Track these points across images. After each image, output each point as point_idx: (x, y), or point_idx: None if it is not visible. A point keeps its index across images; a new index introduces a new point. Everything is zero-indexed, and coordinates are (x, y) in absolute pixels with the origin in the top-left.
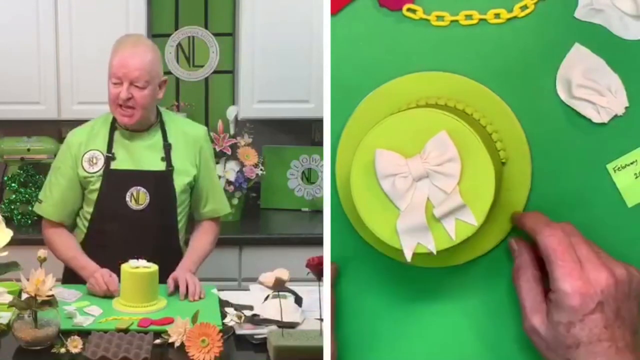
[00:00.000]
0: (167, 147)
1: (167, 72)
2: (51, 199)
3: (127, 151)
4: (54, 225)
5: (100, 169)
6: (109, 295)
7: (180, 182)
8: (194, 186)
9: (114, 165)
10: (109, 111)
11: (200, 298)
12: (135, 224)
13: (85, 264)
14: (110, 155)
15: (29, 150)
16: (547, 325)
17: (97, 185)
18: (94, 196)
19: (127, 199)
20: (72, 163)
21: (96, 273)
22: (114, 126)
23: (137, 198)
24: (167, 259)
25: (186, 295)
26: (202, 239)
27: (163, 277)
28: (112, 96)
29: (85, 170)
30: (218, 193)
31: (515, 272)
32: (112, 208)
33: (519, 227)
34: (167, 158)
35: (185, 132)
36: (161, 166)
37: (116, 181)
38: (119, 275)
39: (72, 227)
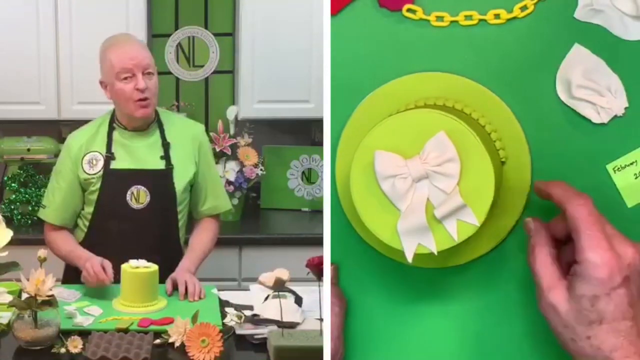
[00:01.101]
0: (166, 146)
1: (167, 72)
2: (54, 204)
3: (126, 151)
4: (56, 228)
5: (100, 170)
6: (102, 287)
7: (180, 180)
8: (193, 184)
9: (113, 165)
10: (107, 112)
11: (200, 298)
12: (136, 223)
13: (81, 254)
14: (109, 155)
15: (29, 150)
16: (567, 300)
17: (98, 185)
18: (94, 196)
19: (128, 198)
20: (73, 166)
21: (87, 262)
22: (112, 126)
23: (138, 197)
24: (168, 257)
25: (186, 295)
26: (201, 237)
27: (163, 276)
28: (125, 93)
29: (85, 172)
30: (218, 190)
31: (531, 251)
32: (113, 207)
33: (543, 197)
34: (166, 157)
35: (183, 130)
36: (161, 165)
37: (116, 181)
38: (118, 273)
39: (73, 229)
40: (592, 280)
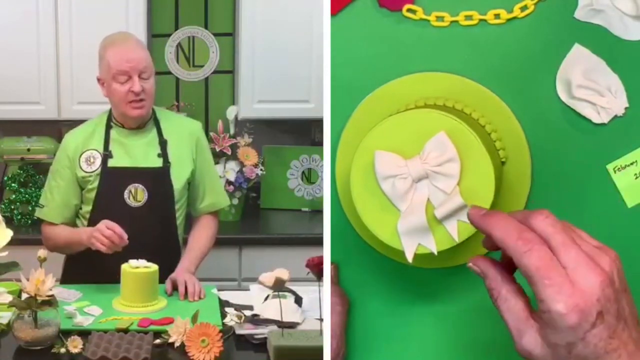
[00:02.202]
0: (163, 144)
1: (167, 72)
2: (53, 202)
3: (123, 149)
4: (54, 225)
5: (98, 168)
6: (119, 247)
7: (178, 177)
8: (191, 181)
9: (111, 163)
10: (104, 111)
11: (200, 298)
12: (134, 221)
13: (81, 230)
14: (107, 153)
15: (29, 150)
16: (542, 346)
17: (95, 184)
18: (92, 195)
19: (126, 196)
20: (70, 164)
21: (94, 232)
22: (109, 125)
23: (136, 195)
24: (167, 255)
25: (186, 296)
26: (200, 236)
27: (162, 275)
28: (120, 94)
29: (83, 170)
30: (216, 186)
31: (490, 295)
32: (111, 205)
33: (482, 231)
34: (163, 154)
35: (180, 128)
36: (158, 162)
37: (114, 179)
38: (118, 273)
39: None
40: (563, 329)
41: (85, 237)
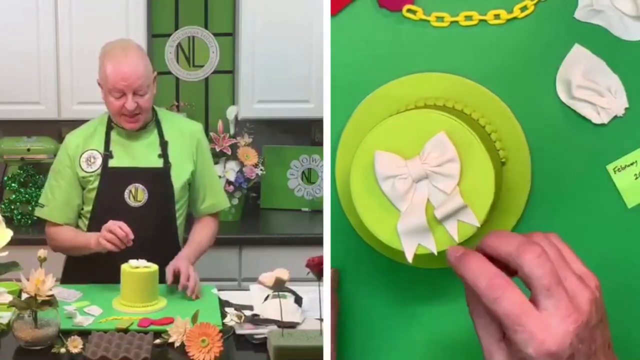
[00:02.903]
0: (164, 144)
1: (167, 72)
2: (54, 202)
3: (124, 149)
4: (57, 225)
5: (99, 168)
6: (125, 245)
7: (178, 178)
8: (192, 182)
9: (111, 164)
10: (105, 112)
11: (197, 297)
12: (135, 221)
13: (88, 234)
14: (107, 153)
15: (29, 150)
16: None
17: (96, 184)
18: (92, 195)
19: (126, 196)
20: (71, 164)
21: (102, 232)
22: (110, 125)
23: (136, 195)
24: (167, 255)
25: (185, 288)
26: (201, 232)
27: (162, 275)
28: (114, 108)
29: (83, 170)
30: (216, 188)
31: (468, 305)
32: (111, 205)
33: (456, 274)
34: (164, 155)
35: (181, 129)
36: (159, 163)
37: (114, 179)
38: (118, 273)
39: (75, 227)
40: None
41: (94, 242)
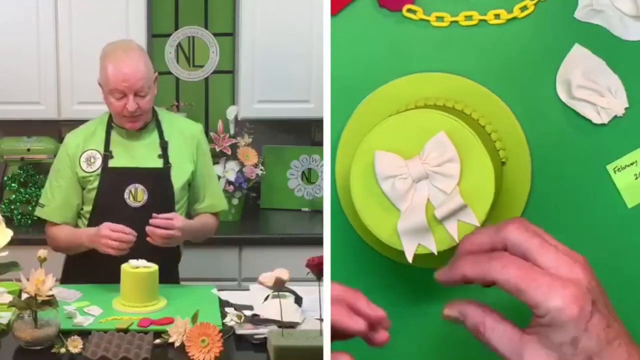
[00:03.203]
0: (164, 145)
1: (167, 72)
2: (54, 202)
3: (124, 149)
4: (58, 225)
5: (98, 168)
6: (127, 248)
7: (178, 178)
8: (191, 183)
9: (111, 164)
10: (105, 112)
11: (161, 240)
12: (134, 221)
13: (84, 230)
14: (107, 153)
15: (29, 150)
16: (547, 355)
17: (96, 184)
18: (92, 195)
19: (126, 196)
20: (71, 164)
21: (102, 232)
22: (110, 125)
23: (136, 195)
24: (167, 255)
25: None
26: (201, 218)
27: (162, 275)
28: (115, 108)
29: (83, 170)
30: (215, 189)
31: (475, 333)
32: (111, 206)
33: (454, 282)
34: (164, 155)
35: (182, 130)
36: (159, 163)
37: (114, 179)
38: (118, 273)
39: (75, 227)
40: (565, 325)
41: (86, 239)
